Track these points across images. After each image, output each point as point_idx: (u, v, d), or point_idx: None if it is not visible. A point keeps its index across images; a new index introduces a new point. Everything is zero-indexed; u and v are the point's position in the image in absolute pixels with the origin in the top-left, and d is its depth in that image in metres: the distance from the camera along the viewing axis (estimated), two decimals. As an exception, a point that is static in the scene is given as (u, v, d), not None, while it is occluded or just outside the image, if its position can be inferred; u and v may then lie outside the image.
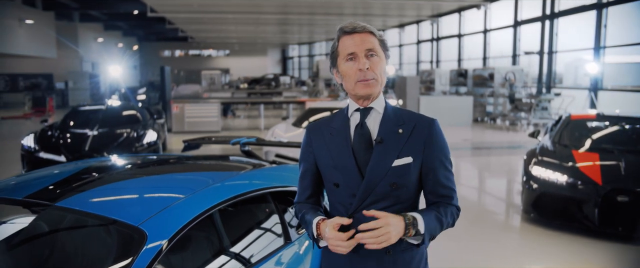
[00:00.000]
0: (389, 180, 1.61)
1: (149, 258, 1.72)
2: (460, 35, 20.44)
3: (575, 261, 4.49)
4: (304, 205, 1.78)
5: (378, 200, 1.62)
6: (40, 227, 2.08)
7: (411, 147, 1.63)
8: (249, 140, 4.38)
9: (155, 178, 2.52)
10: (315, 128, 1.76)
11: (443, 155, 1.69)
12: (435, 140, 1.67)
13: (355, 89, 1.62)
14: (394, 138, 1.63)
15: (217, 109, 13.91)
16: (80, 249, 1.98)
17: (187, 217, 1.95)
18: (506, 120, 15.00)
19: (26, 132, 7.93)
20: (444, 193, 1.69)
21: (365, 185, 1.61)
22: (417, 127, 1.65)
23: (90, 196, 2.14)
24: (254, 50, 39.52)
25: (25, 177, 2.53)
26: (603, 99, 13.14)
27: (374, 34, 1.63)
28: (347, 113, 1.71)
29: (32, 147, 7.11)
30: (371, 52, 1.61)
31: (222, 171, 2.72)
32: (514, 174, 8.55)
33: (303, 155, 1.78)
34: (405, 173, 1.62)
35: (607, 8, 12.88)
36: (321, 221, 1.64)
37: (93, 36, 30.26)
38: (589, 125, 6.20)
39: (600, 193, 4.78)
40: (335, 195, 1.69)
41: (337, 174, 1.66)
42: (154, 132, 7.97)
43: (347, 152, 1.64)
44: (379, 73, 1.62)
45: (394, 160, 1.61)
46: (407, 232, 1.55)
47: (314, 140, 1.73)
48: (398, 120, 1.66)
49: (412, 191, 1.67)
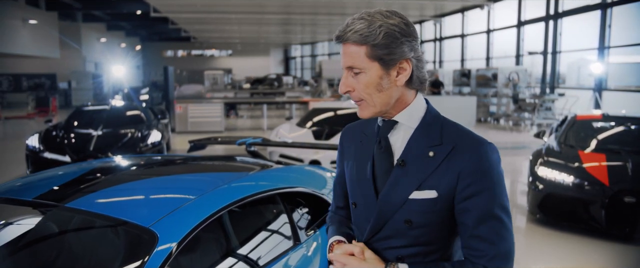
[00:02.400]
0: (403, 215, 1.28)
1: (161, 260, 1.71)
2: (463, 35, 20.41)
3: (581, 262, 4.47)
4: (333, 217, 1.56)
5: (391, 235, 1.31)
6: (50, 227, 2.07)
7: (440, 178, 1.25)
8: (255, 141, 4.37)
9: (164, 179, 2.51)
10: (350, 131, 1.49)
11: (489, 195, 1.23)
12: (480, 171, 1.23)
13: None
14: (420, 162, 1.27)
15: (221, 109, 13.92)
16: (91, 250, 1.98)
17: (198, 218, 1.94)
18: (510, 121, 14.97)
19: (30, 132, 7.95)
20: (477, 246, 1.23)
21: (377, 214, 1.32)
22: (456, 150, 1.26)
23: (100, 197, 2.13)
24: (256, 50, 39.55)
25: (33, 178, 2.52)
26: (607, 99, 13.10)
27: (358, 43, 1.25)
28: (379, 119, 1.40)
29: (36, 147, 7.12)
30: (354, 69, 1.28)
31: (231, 172, 2.71)
32: (517, 175, 8.52)
33: (338, 159, 1.54)
34: (426, 211, 1.26)
35: (611, 8, 12.84)
36: (336, 243, 1.41)
37: (96, 36, 30.32)
38: (595, 126, 6.18)
39: (607, 194, 4.76)
40: (353, 215, 1.43)
41: (357, 191, 1.39)
42: (158, 132, 7.97)
43: (368, 169, 1.36)
44: (365, 93, 1.28)
45: (413, 192, 1.27)
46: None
47: (345, 145, 1.48)
48: (434, 139, 1.29)
49: (439, 234, 1.30)
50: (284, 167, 3.02)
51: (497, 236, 1.24)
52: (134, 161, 3.01)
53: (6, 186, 2.38)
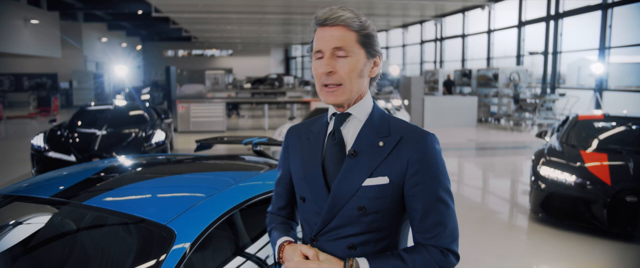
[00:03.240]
0: (356, 202, 1.33)
1: (178, 257, 1.76)
2: (464, 35, 20.46)
3: (583, 261, 4.52)
4: (275, 218, 1.58)
5: (344, 224, 1.35)
6: (68, 225, 2.12)
7: (390, 165, 1.33)
8: (261, 140, 4.42)
9: (176, 177, 2.55)
10: (295, 131, 1.54)
11: (435, 180, 1.34)
12: (426, 159, 1.33)
13: (320, 94, 1.38)
14: (371, 151, 1.35)
15: (223, 109, 13.97)
16: (109, 247, 2.02)
17: (213, 216, 1.99)
18: (510, 121, 15.02)
19: (31, 132, 8.00)
20: (431, 229, 1.33)
21: (329, 205, 1.36)
22: (403, 141, 1.34)
23: (116, 195, 2.18)
24: (256, 50, 39.61)
25: (48, 177, 2.57)
26: (607, 99, 13.15)
27: (350, 27, 1.32)
28: (327, 116, 1.47)
29: (41, 147, 7.16)
30: (340, 51, 1.32)
31: (241, 171, 2.76)
32: (519, 174, 8.58)
33: (280, 160, 1.57)
34: (378, 197, 1.33)
35: (612, 8, 12.89)
36: (287, 243, 1.42)
37: (97, 36, 30.37)
38: (597, 126, 6.23)
39: (609, 193, 4.81)
40: (302, 210, 1.46)
41: (305, 186, 1.43)
42: (162, 132, 8.01)
43: (317, 163, 1.40)
44: (347, 77, 1.33)
45: (366, 179, 1.33)
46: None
47: (291, 145, 1.52)
48: (383, 131, 1.37)
49: (390, 221, 1.36)
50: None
51: (444, 217, 1.34)
52: (144, 160, 3.05)
53: (22, 185, 2.43)
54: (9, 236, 2.19)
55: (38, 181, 2.51)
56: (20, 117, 18.52)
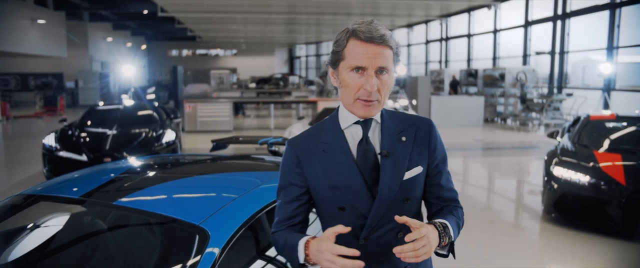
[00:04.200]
0: (402, 195, 1.45)
1: (213, 258, 1.77)
2: (469, 35, 20.42)
3: (598, 262, 4.51)
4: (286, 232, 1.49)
5: (391, 219, 1.43)
6: (98, 224, 2.13)
7: (417, 155, 1.48)
8: (276, 140, 4.44)
9: (203, 178, 2.56)
10: (302, 145, 1.51)
11: (444, 159, 1.57)
12: (438, 142, 1.54)
13: (353, 107, 1.43)
14: (400, 148, 1.46)
15: (229, 109, 13.99)
16: (140, 248, 2.03)
17: (245, 215, 2.00)
18: (517, 121, 14.99)
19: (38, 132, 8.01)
20: (450, 196, 1.56)
21: (378, 204, 1.42)
22: (418, 132, 1.50)
23: (144, 195, 2.19)
24: (261, 49, 39.62)
25: (73, 177, 2.58)
26: (615, 99, 13.12)
27: (390, 46, 1.40)
28: (337, 124, 1.49)
29: (53, 146, 7.18)
30: (383, 69, 1.39)
31: (265, 171, 2.77)
32: (525, 175, 8.57)
33: (289, 177, 1.50)
34: (416, 185, 1.48)
35: (620, 8, 12.85)
36: (311, 239, 1.38)
37: (102, 36, 30.44)
38: (608, 126, 6.21)
39: (623, 193, 4.80)
40: (339, 220, 1.44)
41: (341, 196, 1.44)
42: (172, 132, 8.03)
43: (353, 171, 1.43)
44: (384, 94, 1.42)
45: (405, 173, 1.45)
46: (441, 241, 1.38)
47: (303, 160, 1.48)
48: (397, 127, 1.49)
49: (419, 202, 1.55)
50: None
51: (453, 184, 1.59)
52: (166, 161, 3.07)
53: (48, 184, 2.45)
54: (38, 235, 2.20)
55: (63, 181, 2.52)
56: (26, 117, 18.58)
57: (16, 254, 2.10)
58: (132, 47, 36.35)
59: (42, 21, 19.21)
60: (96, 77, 25.02)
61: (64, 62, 24.85)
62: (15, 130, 15.34)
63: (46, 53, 20.42)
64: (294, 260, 1.41)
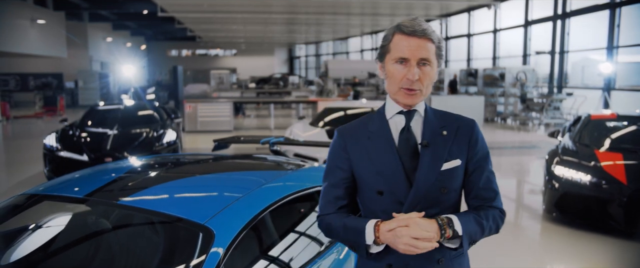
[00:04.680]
0: (438, 184, 1.54)
1: (219, 256, 1.77)
2: (469, 34, 20.43)
3: (600, 261, 4.51)
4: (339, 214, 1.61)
5: (428, 206, 1.53)
6: (103, 224, 2.13)
7: (457, 149, 1.57)
8: (278, 140, 4.43)
9: (207, 177, 2.56)
10: (350, 132, 1.63)
11: (486, 158, 1.63)
12: (479, 140, 1.61)
13: (397, 95, 1.55)
14: (440, 141, 1.56)
15: (230, 109, 13.99)
16: (146, 247, 2.03)
17: (249, 215, 2.00)
18: (517, 120, 15.00)
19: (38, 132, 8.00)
20: (487, 195, 1.61)
21: (415, 191, 1.52)
22: (460, 128, 1.59)
23: (148, 194, 2.19)
24: (260, 49, 39.62)
25: (77, 176, 2.58)
26: (615, 98, 13.12)
27: (432, 40, 1.52)
28: (383, 114, 1.61)
29: (54, 146, 7.18)
30: (424, 61, 1.51)
31: (269, 170, 2.77)
32: (525, 174, 8.57)
33: (336, 161, 1.62)
34: (454, 177, 1.57)
35: (620, 8, 12.86)
36: (380, 222, 1.51)
37: (102, 36, 30.42)
38: (609, 125, 6.21)
39: (625, 192, 4.79)
40: (377, 204, 1.57)
41: (381, 181, 1.55)
42: (173, 132, 8.02)
43: (393, 158, 1.55)
44: (426, 84, 1.53)
45: (443, 164, 1.54)
46: (443, 233, 1.47)
47: (349, 145, 1.60)
48: (440, 122, 1.60)
49: (458, 195, 1.61)
50: (316, 167, 3.07)
51: (494, 184, 1.64)
52: (170, 160, 3.06)
53: (51, 184, 2.44)
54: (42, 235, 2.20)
55: (66, 181, 2.52)
56: (26, 117, 18.57)
57: (20, 254, 2.10)
58: (131, 47, 36.34)
59: (41, 21, 19.19)
60: (96, 77, 24.99)
61: (64, 62, 24.84)
62: (15, 131, 15.33)
63: (46, 53, 20.40)
64: (357, 241, 1.52)
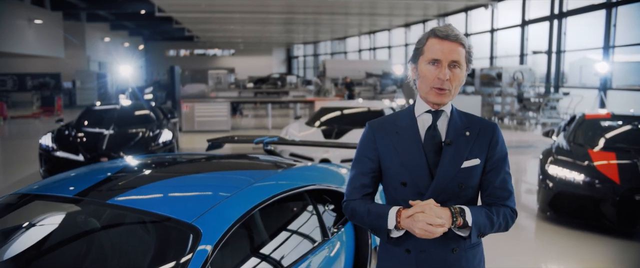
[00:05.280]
0: (457, 180, 1.67)
1: (205, 255, 1.78)
2: (467, 34, 20.46)
3: (593, 260, 4.53)
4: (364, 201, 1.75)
5: (445, 199, 1.66)
6: (92, 223, 2.14)
7: (477, 149, 1.69)
8: (272, 140, 4.45)
9: (196, 177, 2.57)
10: (380, 125, 1.77)
11: (504, 158, 1.74)
12: (499, 143, 1.73)
13: (428, 94, 1.67)
14: (463, 140, 1.69)
15: (227, 109, 14.00)
16: (134, 246, 2.04)
17: (237, 214, 2.01)
18: (514, 120, 15.02)
19: (35, 132, 7.99)
20: (501, 195, 1.73)
21: (435, 185, 1.65)
22: (482, 130, 1.72)
23: (137, 193, 2.20)
24: (258, 49, 39.62)
25: (68, 176, 2.59)
26: (611, 98, 13.15)
27: (464, 45, 1.65)
28: (413, 112, 1.74)
29: (50, 146, 7.18)
30: (455, 63, 1.64)
31: (259, 170, 2.78)
32: (522, 174, 8.59)
33: (365, 151, 1.77)
34: (472, 175, 1.69)
35: (616, 7, 12.89)
36: (402, 209, 1.64)
37: (100, 36, 30.40)
38: (604, 125, 6.23)
39: (618, 192, 4.82)
40: (400, 194, 1.71)
41: (405, 173, 1.69)
42: (169, 132, 8.03)
43: (419, 152, 1.68)
44: (455, 85, 1.66)
45: (463, 162, 1.67)
46: (455, 220, 1.59)
47: (378, 138, 1.74)
48: (464, 123, 1.72)
49: (475, 192, 1.74)
50: (307, 166, 3.08)
51: (510, 186, 1.75)
52: (161, 160, 3.08)
53: (42, 184, 2.45)
54: (32, 234, 2.21)
55: (58, 180, 2.53)
56: (24, 117, 18.55)
57: (10, 253, 2.10)
58: (129, 47, 36.32)
59: (39, 21, 19.18)
60: (94, 77, 24.98)
61: (62, 62, 24.82)
62: (13, 131, 15.32)
63: (43, 53, 20.39)
64: (380, 226, 1.66)
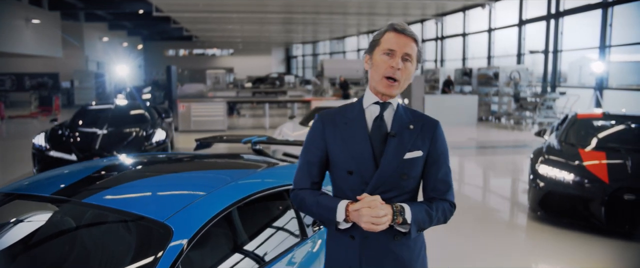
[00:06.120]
0: (400, 171, 1.73)
1: (175, 253, 1.79)
2: (464, 34, 20.46)
3: (582, 259, 4.53)
4: (312, 191, 1.80)
5: (388, 189, 1.72)
6: (68, 222, 2.15)
7: (420, 142, 1.77)
8: (260, 139, 4.45)
9: (174, 176, 2.58)
10: (329, 117, 1.82)
11: (445, 153, 1.83)
12: (440, 138, 1.82)
13: (378, 83, 1.74)
14: (407, 133, 1.76)
15: (223, 108, 14.00)
16: (108, 244, 2.05)
17: (210, 213, 2.02)
18: (511, 119, 15.02)
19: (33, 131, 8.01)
20: (441, 188, 1.81)
21: (379, 174, 1.71)
22: (425, 125, 1.80)
23: (114, 193, 2.21)
24: (257, 49, 39.62)
25: (48, 175, 2.60)
26: (608, 98, 13.15)
27: (417, 43, 1.75)
28: (361, 104, 1.80)
29: (43, 146, 7.19)
30: (407, 57, 1.73)
31: (239, 169, 2.78)
32: (519, 173, 8.59)
33: (313, 142, 1.81)
34: (414, 166, 1.76)
35: (612, 7, 12.88)
36: (349, 203, 1.69)
37: (98, 35, 30.41)
38: (595, 124, 6.24)
39: (607, 191, 4.82)
40: (346, 182, 1.75)
41: (352, 162, 1.73)
42: (162, 131, 8.04)
43: (365, 142, 1.73)
44: (404, 78, 1.74)
45: (406, 153, 1.74)
46: (395, 218, 1.65)
47: (327, 129, 1.79)
48: (409, 118, 1.80)
49: (417, 183, 1.81)
50: (289, 165, 3.09)
51: (449, 178, 1.84)
52: (144, 159, 3.08)
53: (23, 183, 2.46)
54: (10, 234, 2.22)
55: (38, 179, 2.54)
56: (21, 117, 18.57)
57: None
58: (128, 47, 36.33)
59: (37, 21, 19.20)
60: (92, 77, 25.01)
61: (60, 62, 24.85)
62: (10, 130, 15.34)
63: (41, 53, 20.40)
64: (328, 218, 1.71)
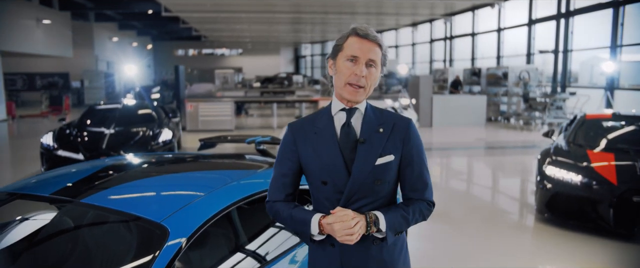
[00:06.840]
0: (373, 177, 1.70)
1: (171, 254, 1.78)
2: (473, 33, 20.32)
3: (589, 261, 4.47)
4: (287, 204, 1.78)
5: (363, 195, 1.70)
6: (66, 222, 2.15)
7: (391, 146, 1.73)
8: (264, 139, 4.44)
9: (174, 176, 2.58)
10: (299, 127, 1.79)
11: (419, 152, 1.80)
12: (413, 138, 1.77)
13: (343, 90, 1.70)
14: (376, 137, 1.72)
15: (231, 108, 14.03)
16: (105, 244, 2.05)
17: (207, 214, 2.01)
18: (520, 120, 14.90)
19: (43, 131, 8.08)
20: (418, 187, 1.78)
21: (352, 183, 1.69)
22: (395, 127, 1.76)
23: (113, 193, 2.21)
24: (266, 49, 39.67)
25: (48, 175, 2.61)
26: (620, 98, 12.98)
27: (381, 47, 1.71)
28: (330, 112, 1.77)
29: (51, 145, 7.25)
30: (372, 62, 1.69)
31: (240, 169, 2.78)
32: (527, 174, 8.51)
33: (285, 154, 1.79)
34: (387, 170, 1.72)
35: (624, 6, 12.72)
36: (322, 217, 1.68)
37: (108, 35, 30.64)
38: (604, 125, 6.16)
39: (615, 193, 4.76)
40: (321, 192, 1.74)
41: (325, 172, 1.71)
42: (169, 131, 8.07)
43: (335, 151, 1.70)
44: (369, 84, 1.70)
45: (378, 159, 1.70)
46: (369, 229, 1.65)
47: (298, 140, 1.76)
48: (378, 120, 1.76)
49: (392, 186, 1.78)
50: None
51: (427, 179, 1.80)
52: (145, 159, 3.09)
53: (23, 183, 2.47)
54: (11, 233, 2.23)
55: (40, 179, 2.55)
56: (32, 116, 18.76)
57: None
58: (138, 47, 36.56)
59: (47, 21, 19.38)
60: (101, 77, 25.20)
61: (70, 62, 25.08)
62: (21, 129, 15.50)
63: (52, 53, 20.60)
64: (303, 231, 1.71)
